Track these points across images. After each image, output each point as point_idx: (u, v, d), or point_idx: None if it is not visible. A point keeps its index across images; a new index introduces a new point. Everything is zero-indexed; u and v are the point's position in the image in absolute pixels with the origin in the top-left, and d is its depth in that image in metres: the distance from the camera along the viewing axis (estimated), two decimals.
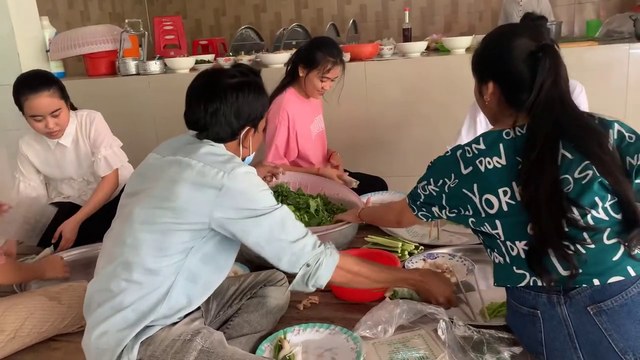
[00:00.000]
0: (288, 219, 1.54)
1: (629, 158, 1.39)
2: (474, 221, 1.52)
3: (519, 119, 1.46)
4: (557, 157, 1.39)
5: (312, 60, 2.70)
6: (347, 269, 1.61)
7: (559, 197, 1.36)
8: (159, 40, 5.57)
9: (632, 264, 1.36)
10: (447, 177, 1.54)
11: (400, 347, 1.69)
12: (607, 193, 1.36)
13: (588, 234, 1.36)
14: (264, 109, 1.67)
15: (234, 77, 1.58)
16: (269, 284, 1.89)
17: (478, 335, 1.64)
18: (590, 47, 3.16)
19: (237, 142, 1.64)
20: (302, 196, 2.51)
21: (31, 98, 2.36)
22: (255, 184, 1.53)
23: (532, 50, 1.43)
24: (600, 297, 1.35)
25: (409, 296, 1.89)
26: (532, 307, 1.46)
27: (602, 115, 1.46)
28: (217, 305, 1.79)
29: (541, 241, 1.38)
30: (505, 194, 1.43)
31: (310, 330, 1.79)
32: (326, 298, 2.04)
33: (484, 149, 1.47)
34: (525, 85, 1.44)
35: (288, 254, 1.52)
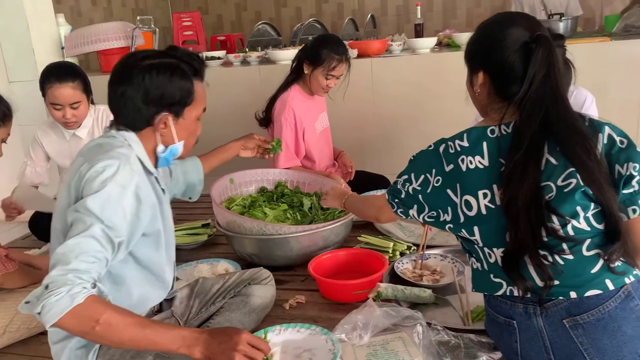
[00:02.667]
0: (84, 234, 1.30)
1: (617, 166, 1.32)
2: (452, 227, 1.47)
3: (507, 114, 1.39)
4: (542, 161, 1.33)
5: (317, 57, 2.69)
6: (87, 316, 1.22)
7: (539, 204, 1.30)
8: (178, 36, 5.63)
9: (611, 277, 1.31)
10: (429, 172, 1.47)
11: (379, 350, 1.68)
12: (590, 202, 1.30)
13: (567, 245, 1.31)
14: (184, 94, 1.52)
15: (145, 59, 1.50)
16: (253, 282, 1.90)
17: (456, 340, 1.62)
18: (602, 42, 3.07)
19: (151, 129, 1.54)
20: (297, 194, 2.51)
21: (55, 87, 2.42)
22: (104, 182, 1.37)
23: (525, 40, 1.35)
24: (577, 311, 1.31)
25: (393, 297, 1.87)
26: (509, 316, 1.42)
27: (593, 117, 1.39)
28: (199, 303, 1.80)
29: (517, 248, 1.33)
30: (485, 196, 1.37)
31: (291, 330, 1.79)
32: (313, 297, 2.03)
33: (467, 146, 1.40)
34: (517, 76, 1.37)
35: (50, 262, 1.30)
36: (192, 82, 1.54)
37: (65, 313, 1.20)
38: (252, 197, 2.49)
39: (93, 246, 1.30)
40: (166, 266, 1.67)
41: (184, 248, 2.48)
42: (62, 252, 1.27)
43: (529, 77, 1.34)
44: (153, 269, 1.60)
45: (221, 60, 3.94)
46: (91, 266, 1.29)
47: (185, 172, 2.07)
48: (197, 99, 1.57)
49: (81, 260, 1.27)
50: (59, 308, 1.20)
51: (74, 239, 1.29)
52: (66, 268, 1.24)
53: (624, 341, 1.29)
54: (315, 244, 2.18)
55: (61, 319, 1.20)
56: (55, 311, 1.19)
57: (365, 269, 2.03)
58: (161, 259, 1.63)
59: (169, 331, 1.32)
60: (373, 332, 1.65)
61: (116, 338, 1.26)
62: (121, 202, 1.38)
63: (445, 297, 1.94)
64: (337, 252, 2.14)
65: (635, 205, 1.31)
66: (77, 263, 1.26)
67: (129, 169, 1.43)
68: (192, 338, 1.32)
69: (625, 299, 1.30)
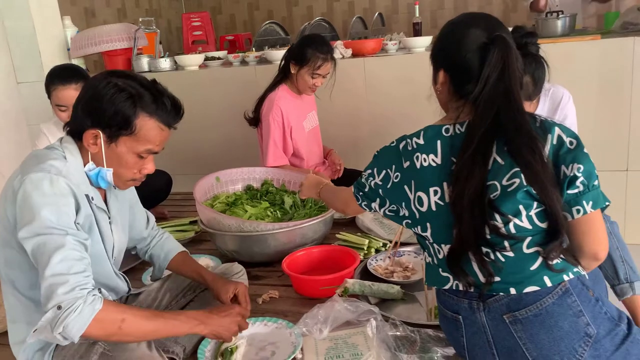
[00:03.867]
0: (61, 249, 1.35)
1: (563, 167, 1.33)
2: (409, 223, 1.51)
3: (463, 113, 1.42)
4: (489, 160, 1.35)
5: (303, 57, 2.75)
6: (111, 319, 1.35)
7: (482, 202, 1.33)
8: (188, 37, 5.73)
9: (549, 274, 1.34)
10: (390, 168, 1.51)
11: (340, 343, 1.73)
12: (533, 201, 1.33)
13: (509, 242, 1.34)
14: (120, 120, 1.48)
15: (118, 76, 1.52)
16: (224, 276, 1.95)
17: (413, 335, 1.66)
18: (592, 41, 3.05)
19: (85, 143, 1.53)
20: (281, 192, 2.56)
21: (59, 89, 2.50)
22: (44, 194, 1.39)
23: (483, 41, 1.38)
24: (516, 306, 1.35)
25: (360, 293, 1.92)
26: (455, 311, 1.46)
27: (545, 117, 1.40)
28: (169, 297, 1.86)
29: (461, 244, 1.37)
30: (435, 193, 1.41)
31: (259, 324, 1.85)
32: (287, 292, 2.09)
33: (422, 144, 1.44)
34: (473, 76, 1.39)
35: (43, 287, 1.33)
36: (135, 113, 1.48)
37: (91, 321, 1.31)
38: (236, 194, 2.56)
39: (75, 256, 1.38)
40: (114, 276, 1.74)
41: None
42: (55, 274, 1.33)
43: (484, 76, 1.36)
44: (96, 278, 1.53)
45: (222, 60, 4.00)
46: (87, 274, 1.38)
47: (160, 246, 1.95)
48: (138, 135, 1.51)
49: (76, 272, 1.35)
50: (83, 320, 1.30)
51: (57, 257, 1.34)
52: (69, 285, 1.32)
53: (560, 336, 1.32)
54: (292, 241, 2.23)
55: (88, 327, 1.31)
56: (81, 323, 1.30)
57: (338, 266, 2.07)
58: (105, 271, 1.69)
59: (179, 316, 1.52)
60: (332, 326, 1.70)
61: (141, 332, 1.41)
62: (67, 210, 1.42)
63: (414, 294, 1.98)
64: (312, 249, 2.19)
65: (579, 206, 1.33)
66: (75, 277, 1.34)
67: (62, 180, 1.44)
68: (199, 317, 1.53)
69: (562, 295, 1.33)
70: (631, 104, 3.01)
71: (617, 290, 2.31)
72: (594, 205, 1.33)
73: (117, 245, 1.75)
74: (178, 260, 1.91)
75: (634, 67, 2.96)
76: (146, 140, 1.53)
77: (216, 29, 7.53)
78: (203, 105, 3.76)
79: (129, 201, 1.85)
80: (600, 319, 1.35)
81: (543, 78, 2.11)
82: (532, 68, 2.03)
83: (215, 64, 3.95)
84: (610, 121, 3.08)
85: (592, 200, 1.33)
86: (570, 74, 3.05)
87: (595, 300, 1.36)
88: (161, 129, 1.55)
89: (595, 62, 3.03)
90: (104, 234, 1.67)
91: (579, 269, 1.37)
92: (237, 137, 3.70)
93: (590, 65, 3.04)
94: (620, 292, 2.31)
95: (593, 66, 3.04)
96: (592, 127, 3.09)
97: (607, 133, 3.09)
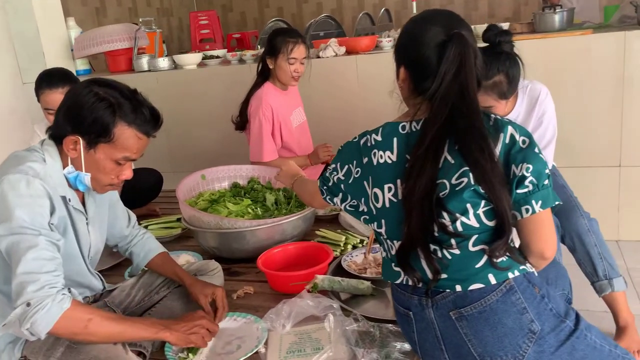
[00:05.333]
0: (34, 248, 1.42)
1: (513, 166, 1.34)
2: (367, 218, 1.54)
3: (420, 110, 1.42)
4: (440, 158, 1.36)
5: (274, 48, 2.83)
6: (78, 318, 1.42)
7: (431, 200, 1.35)
8: (195, 35, 5.81)
9: (494, 272, 1.35)
10: (351, 163, 1.53)
11: (305, 338, 1.76)
12: (481, 200, 1.34)
13: (455, 240, 1.36)
14: (99, 127, 1.54)
15: (100, 85, 1.57)
16: (200, 273, 1.99)
17: (373, 330, 1.69)
18: (583, 36, 3.02)
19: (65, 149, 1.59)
20: (266, 189, 2.60)
21: (46, 92, 2.57)
22: (20, 195, 1.46)
23: (442, 38, 1.38)
24: (462, 303, 1.37)
25: (329, 288, 1.95)
26: (406, 307, 1.48)
27: (499, 116, 1.42)
28: (143, 293, 1.91)
29: (410, 241, 1.39)
30: (389, 190, 1.43)
31: (228, 319, 1.89)
32: (262, 288, 2.12)
33: (380, 140, 1.45)
34: (431, 73, 1.38)
35: (15, 284, 1.40)
36: (114, 121, 1.54)
37: (58, 319, 1.38)
38: (220, 192, 2.60)
39: (47, 256, 1.44)
40: (89, 275, 1.80)
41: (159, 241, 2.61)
42: (26, 272, 1.39)
43: (440, 74, 1.36)
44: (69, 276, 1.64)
45: (220, 59, 4.05)
46: (57, 274, 1.45)
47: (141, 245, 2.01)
48: (116, 143, 1.56)
49: (47, 271, 1.42)
50: (50, 317, 1.37)
51: (29, 255, 1.41)
52: (39, 283, 1.38)
53: (504, 333, 1.34)
54: (271, 238, 2.26)
55: (55, 325, 1.38)
56: (48, 320, 1.37)
57: (314, 262, 2.10)
58: (80, 269, 1.75)
59: (145, 320, 1.63)
60: (295, 321, 1.74)
61: (106, 333, 1.47)
62: (41, 210, 1.49)
63: (384, 289, 2.00)
64: (288, 245, 2.23)
65: (529, 205, 1.34)
66: (46, 276, 1.41)
67: (38, 182, 1.51)
68: (165, 323, 1.60)
69: (506, 292, 1.35)
70: (623, 99, 2.99)
71: (597, 287, 2.32)
72: (543, 205, 1.34)
73: (94, 245, 1.82)
74: (157, 260, 1.97)
75: (625, 61, 2.94)
76: (124, 148, 1.59)
77: (227, 26, 7.62)
78: (200, 103, 3.82)
79: (108, 201, 1.91)
80: (545, 316, 1.36)
81: (518, 76, 2.10)
82: (505, 66, 2.03)
83: (214, 63, 4.00)
84: (602, 117, 3.05)
85: (542, 199, 1.34)
86: (560, 70, 3.05)
87: (540, 297, 1.37)
88: (139, 138, 1.61)
89: (586, 58, 3.01)
90: (81, 234, 1.73)
91: (525, 267, 1.39)
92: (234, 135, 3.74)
93: (581, 61, 3.02)
94: (599, 288, 2.31)
95: (584, 61, 3.02)
96: (584, 123, 3.08)
97: (600, 129, 3.07)
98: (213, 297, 1.83)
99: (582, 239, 2.28)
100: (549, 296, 1.40)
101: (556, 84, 3.00)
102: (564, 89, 3.04)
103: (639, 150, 3.03)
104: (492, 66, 2.01)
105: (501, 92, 2.07)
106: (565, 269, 1.87)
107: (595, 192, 3.13)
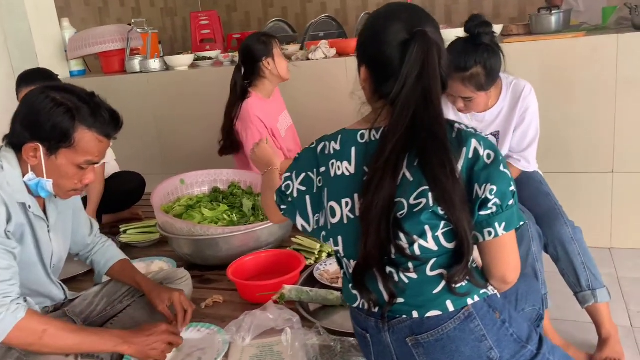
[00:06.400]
0: None
1: (477, 186, 1.24)
2: (324, 235, 1.43)
3: (381, 117, 1.31)
4: (399, 175, 1.26)
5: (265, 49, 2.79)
6: (32, 329, 1.42)
7: (389, 220, 1.25)
8: (196, 35, 5.79)
9: (452, 298, 1.28)
10: (311, 171, 1.41)
11: (267, 351, 1.73)
12: (440, 221, 1.24)
13: (413, 264, 1.28)
14: (58, 134, 1.53)
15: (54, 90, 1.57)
16: (166, 282, 1.96)
17: (335, 344, 1.65)
18: (574, 38, 2.94)
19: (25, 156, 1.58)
20: (246, 194, 2.56)
21: (23, 92, 2.53)
22: None
23: (404, 36, 1.25)
24: (418, 330, 1.30)
25: (297, 299, 1.91)
26: (364, 329, 1.42)
27: (464, 127, 1.29)
28: (105, 302, 1.88)
29: (365, 259, 1.30)
30: (347, 205, 1.33)
31: (192, 330, 1.86)
32: (232, 297, 2.09)
33: (338, 150, 1.35)
34: (393, 74, 1.26)
35: None
36: (73, 126, 1.53)
37: (11, 329, 1.38)
38: (198, 197, 2.57)
39: (2, 264, 1.44)
40: (49, 284, 1.77)
41: (136, 246, 2.60)
42: None
43: (403, 75, 1.24)
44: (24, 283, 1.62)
45: (212, 60, 4.02)
46: (12, 283, 1.45)
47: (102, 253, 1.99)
48: (77, 147, 1.56)
49: (2, 281, 1.42)
50: (3, 327, 1.37)
51: None
52: None
53: None
54: (245, 245, 2.23)
55: (8, 335, 1.38)
56: (1, 331, 1.37)
57: (287, 270, 2.06)
58: (39, 278, 1.73)
59: (103, 333, 1.60)
60: (254, 334, 1.70)
61: (61, 345, 1.46)
62: None
63: None
64: (260, 253, 2.19)
65: (491, 228, 1.25)
66: (0, 285, 1.41)
67: None
68: (124, 336, 1.57)
69: (465, 320, 1.28)
70: (616, 103, 2.90)
71: (580, 297, 2.25)
72: (506, 227, 1.25)
73: (57, 252, 1.79)
74: (117, 268, 1.94)
75: (618, 65, 2.85)
76: (85, 152, 1.58)
77: (231, 26, 7.59)
78: (192, 105, 3.79)
79: (72, 208, 1.88)
80: (505, 342, 1.30)
81: (497, 68, 2.08)
82: (483, 58, 2.02)
83: (206, 64, 3.97)
84: (594, 121, 2.97)
85: (506, 221, 1.25)
86: (553, 73, 2.97)
87: (501, 323, 1.31)
88: (100, 141, 1.60)
89: (578, 61, 2.93)
90: (42, 242, 1.70)
91: (487, 291, 1.32)
92: None
93: (572, 64, 2.94)
94: (582, 299, 2.24)
95: (576, 65, 2.93)
96: (576, 128, 3.00)
97: (592, 133, 2.99)
98: (171, 302, 1.80)
99: (566, 247, 2.21)
100: (510, 320, 1.33)
101: (550, 87, 2.96)
102: (557, 92, 2.97)
103: (632, 156, 2.94)
104: (469, 57, 2.01)
105: (479, 83, 2.06)
106: (538, 283, 1.80)
107: (588, 198, 3.06)
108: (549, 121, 2.95)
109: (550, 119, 2.97)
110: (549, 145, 3.01)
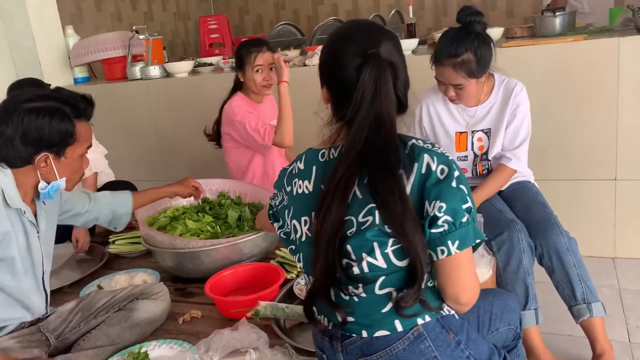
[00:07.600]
0: None
1: (427, 203, 1.20)
2: (292, 249, 1.44)
3: (340, 137, 1.31)
4: (349, 193, 1.24)
5: (240, 61, 2.82)
6: None
7: (337, 239, 1.23)
8: (205, 39, 5.80)
9: (400, 318, 1.25)
10: (280, 191, 1.44)
11: None
12: (389, 238, 1.21)
13: (362, 282, 1.25)
14: (64, 136, 1.66)
15: (26, 102, 1.61)
16: (142, 296, 1.94)
17: None
18: (574, 42, 2.85)
19: (33, 167, 1.67)
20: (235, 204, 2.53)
21: None
22: None
23: (358, 59, 1.24)
24: (368, 350, 1.28)
25: (272, 316, 1.87)
26: (321, 349, 1.40)
27: (419, 143, 1.26)
28: (80, 317, 1.87)
29: (318, 279, 1.29)
30: (305, 223, 1.33)
31: (165, 347, 1.83)
32: (211, 312, 2.05)
33: (302, 169, 1.36)
34: (350, 97, 1.25)
35: None
36: (73, 124, 1.67)
37: None
38: (184, 207, 2.54)
39: None
40: (32, 293, 1.78)
41: (125, 256, 2.59)
42: None
43: (357, 100, 1.23)
44: (9, 292, 1.70)
45: (213, 66, 4.01)
46: None
47: (113, 204, 2.19)
48: (79, 139, 1.70)
49: None
50: None
51: None
52: None
53: None
54: (227, 258, 2.20)
55: None
56: None
57: (264, 285, 2.02)
58: (21, 285, 1.74)
59: None
60: (222, 354, 1.66)
61: None
62: None
63: None
64: (239, 267, 2.15)
65: (444, 246, 1.20)
66: None
67: None
68: None
69: (414, 340, 1.24)
70: (618, 109, 2.81)
71: (574, 311, 2.18)
72: (460, 246, 1.20)
73: (46, 257, 1.85)
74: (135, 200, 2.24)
75: (619, 69, 2.76)
76: (85, 139, 1.74)
77: (243, 29, 7.60)
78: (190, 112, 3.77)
79: (56, 215, 1.94)
80: None
81: (488, 57, 2.14)
82: (474, 45, 2.09)
83: (206, 70, 3.95)
84: (596, 127, 2.88)
85: (459, 239, 1.20)
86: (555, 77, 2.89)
87: (455, 344, 1.27)
88: (89, 125, 1.77)
89: (578, 65, 2.84)
90: (33, 248, 1.76)
91: (441, 311, 1.28)
92: None
93: (573, 68, 2.85)
94: (577, 313, 2.17)
95: (576, 69, 2.84)
96: (578, 134, 2.91)
97: (594, 140, 2.90)
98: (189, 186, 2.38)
99: (562, 257, 2.14)
100: (467, 342, 1.29)
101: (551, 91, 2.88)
102: (557, 96, 2.89)
103: (635, 163, 2.84)
104: (461, 44, 2.09)
105: (470, 70, 2.12)
106: (516, 302, 1.73)
107: (590, 206, 2.97)
108: (550, 126, 2.89)
109: (551, 124, 2.90)
110: (550, 151, 2.94)
